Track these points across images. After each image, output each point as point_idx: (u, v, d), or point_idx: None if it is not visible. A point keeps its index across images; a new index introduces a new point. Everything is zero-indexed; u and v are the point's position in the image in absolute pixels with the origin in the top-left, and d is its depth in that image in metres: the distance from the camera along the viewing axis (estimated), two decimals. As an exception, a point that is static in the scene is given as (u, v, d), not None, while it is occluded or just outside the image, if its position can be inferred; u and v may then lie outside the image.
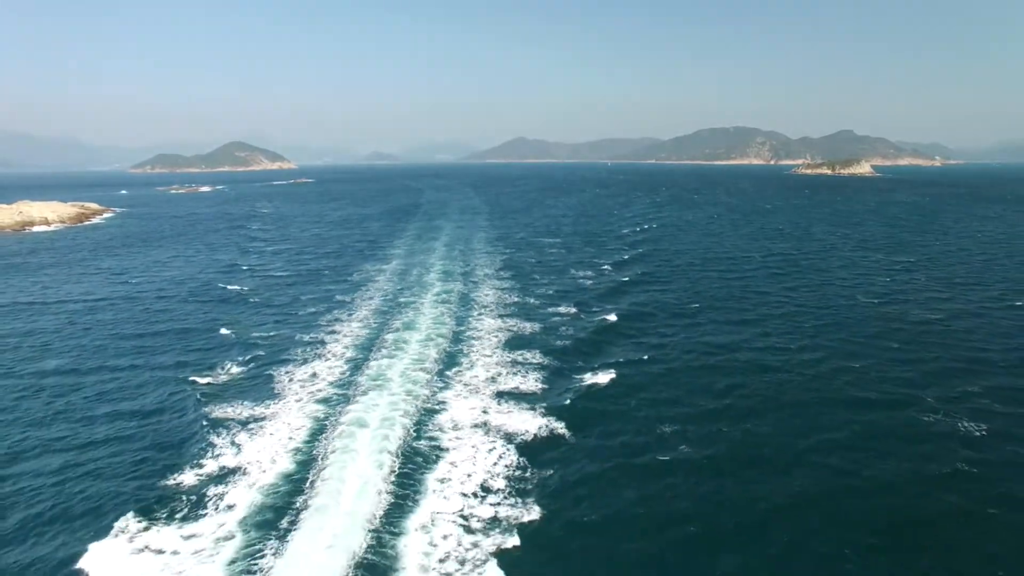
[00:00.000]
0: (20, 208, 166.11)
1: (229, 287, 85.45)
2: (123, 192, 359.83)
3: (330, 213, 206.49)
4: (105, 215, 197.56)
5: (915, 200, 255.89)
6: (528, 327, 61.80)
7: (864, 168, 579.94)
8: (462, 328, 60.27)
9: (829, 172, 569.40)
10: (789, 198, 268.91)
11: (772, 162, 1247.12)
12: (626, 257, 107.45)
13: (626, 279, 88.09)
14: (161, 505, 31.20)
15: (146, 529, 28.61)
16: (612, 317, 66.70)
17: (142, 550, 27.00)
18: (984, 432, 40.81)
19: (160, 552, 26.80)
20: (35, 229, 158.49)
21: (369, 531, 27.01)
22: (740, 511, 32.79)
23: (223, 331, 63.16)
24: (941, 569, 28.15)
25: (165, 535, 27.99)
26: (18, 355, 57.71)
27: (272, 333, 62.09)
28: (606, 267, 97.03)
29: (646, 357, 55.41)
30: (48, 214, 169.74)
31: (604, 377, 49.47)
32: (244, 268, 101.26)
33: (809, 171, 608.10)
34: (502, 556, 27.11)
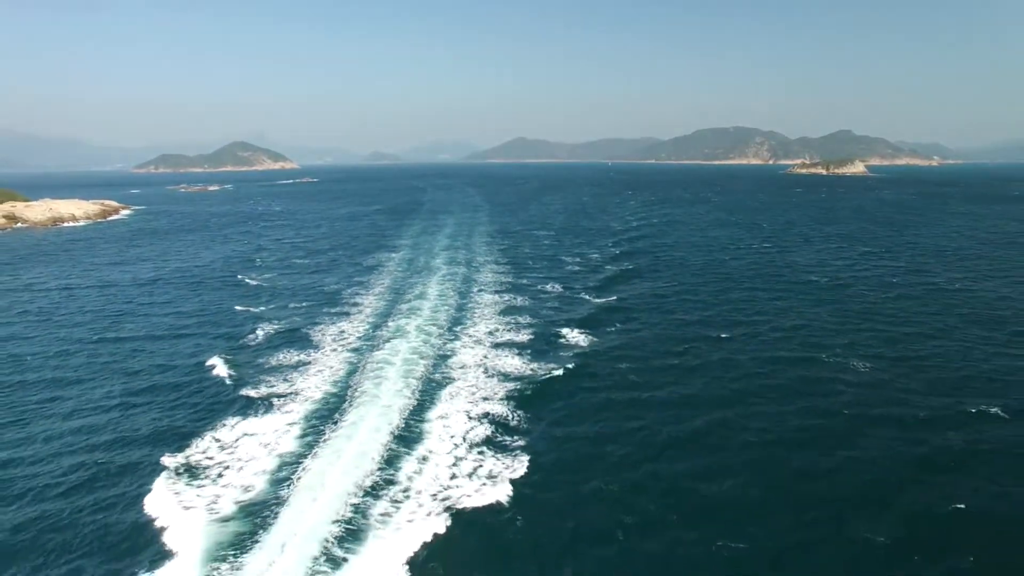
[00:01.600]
0: (50, 205, 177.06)
1: (256, 271, 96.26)
2: (135, 191, 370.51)
3: (338, 210, 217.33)
4: (124, 212, 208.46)
5: (899, 198, 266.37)
6: (520, 300, 72.80)
7: (858, 168, 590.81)
8: (465, 300, 71.29)
9: (823, 172, 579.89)
10: (778, 196, 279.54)
11: (771, 162, 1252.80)
12: (610, 247, 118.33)
13: (608, 265, 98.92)
14: (243, 410, 42.01)
15: (244, 419, 39.64)
16: (593, 294, 77.60)
17: (243, 435, 37.68)
18: (872, 375, 51.61)
19: (252, 434, 37.54)
20: (66, 225, 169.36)
21: (401, 418, 37.82)
22: (681, 422, 43.46)
23: (258, 307, 73.91)
24: (815, 457, 38.79)
25: (253, 424, 38.86)
26: (97, 325, 68.47)
27: (303, 304, 72.99)
28: (592, 255, 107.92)
29: (619, 325, 66.10)
30: (75, 211, 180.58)
31: (583, 338, 60.22)
32: (266, 256, 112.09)
33: (804, 171, 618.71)
34: (498, 439, 37.82)
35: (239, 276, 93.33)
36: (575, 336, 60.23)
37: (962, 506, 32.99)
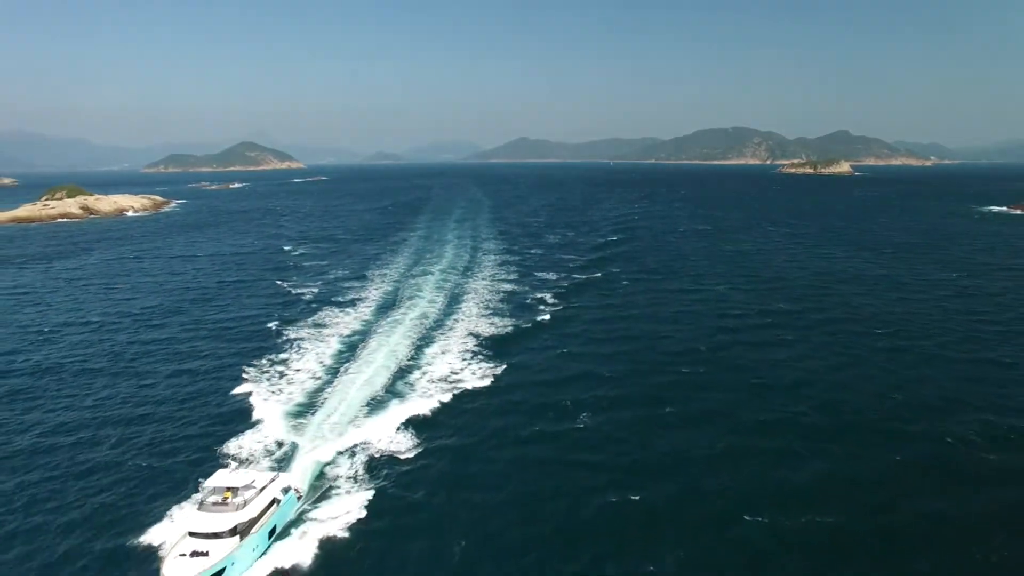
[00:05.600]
0: (114, 199, 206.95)
1: (309, 245, 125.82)
2: (163, 188, 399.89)
3: (357, 204, 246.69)
4: (172, 205, 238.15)
5: (865, 195, 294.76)
6: (513, 258, 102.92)
7: (843, 168, 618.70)
8: (473, 260, 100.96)
9: (811, 171, 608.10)
10: (757, 193, 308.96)
11: (769, 162, 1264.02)
12: (586, 229, 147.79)
13: (581, 239, 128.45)
14: (313, 325, 71.01)
15: (318, 318, 68.88)
16: (566, 257, 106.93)
17: (316, 327, 66.67)
18: (734, 296, 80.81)
19: (321, 330, 66.47)
20: (128, 215, 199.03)
21: (428, 325, 66.71)
22: (609, 322, 72.25)
23: (320, 262, 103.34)
24: (686, 336, 67.70)
25: (327, 318, 68.03)
26: (195, 282, 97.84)
27: (354, 262, 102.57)
28: (569, 234, 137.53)
29: (579, 272, 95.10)
30: (134, 204, 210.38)
31: (552, 276, 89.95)
32: (312, 236, 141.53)
33: (793, 170, 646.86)
34: (496, 323, 66.87)
35: (295, 248, 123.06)
36: (547, 276, 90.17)
37: (762, 349, 62.23)
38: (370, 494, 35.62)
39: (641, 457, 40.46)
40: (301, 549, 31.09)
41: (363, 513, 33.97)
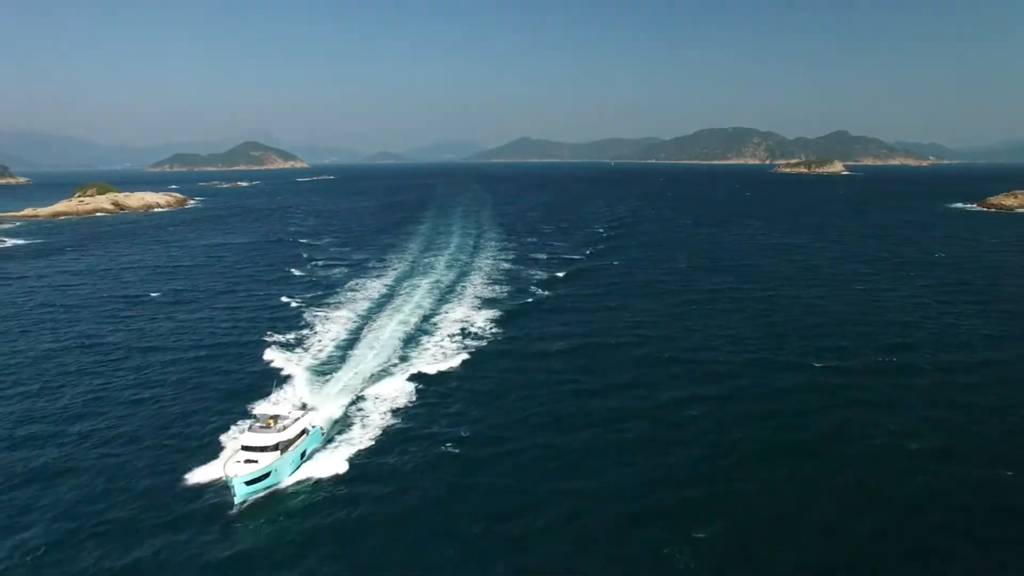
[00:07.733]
0: (141, 196, 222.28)
1: (328, 236, 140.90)
2: (176, 187, 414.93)
3: (366, 200, 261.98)
4: (192, 202, 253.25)
5: (843, 193, 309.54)
6: (510, 244, 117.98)
7: (837, 167, 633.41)
8: (477, 244, 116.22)
9: (805, 171, 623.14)
10: (750, 192, 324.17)
11: (768, 161, 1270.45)
12: (578, 223, 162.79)
13: (573, 230, 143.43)
14: (338, 297, 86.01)
15: (340, 291, 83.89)
16: (556, 244, 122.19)
17: (334, 301, 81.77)
18: (698, 274, 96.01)
19: (349, 297, 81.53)
20: (156, 210, 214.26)
21: (442, 292, 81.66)
22: (592, 299, 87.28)
23: (341, 249, 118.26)
24: (656, 306, 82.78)
25: (353, 287, 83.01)
26: (235, 262, 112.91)
27: (372, 248, 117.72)
28: (563, 225, 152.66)
29: (574, 258, 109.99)
30: (159, 200, 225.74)
31: (544, 256, 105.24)
32: (328, 228, 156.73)
33: (789, 170, 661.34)
34: (494, 294, 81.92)
35: (317, 237, 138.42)
36: (540, 257, 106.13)
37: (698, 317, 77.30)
38: (383, 425, 46.11)
39: (603, 378, 55.44)
40: (326, 467, 40.63)
41: (379, 434, 44.83)
